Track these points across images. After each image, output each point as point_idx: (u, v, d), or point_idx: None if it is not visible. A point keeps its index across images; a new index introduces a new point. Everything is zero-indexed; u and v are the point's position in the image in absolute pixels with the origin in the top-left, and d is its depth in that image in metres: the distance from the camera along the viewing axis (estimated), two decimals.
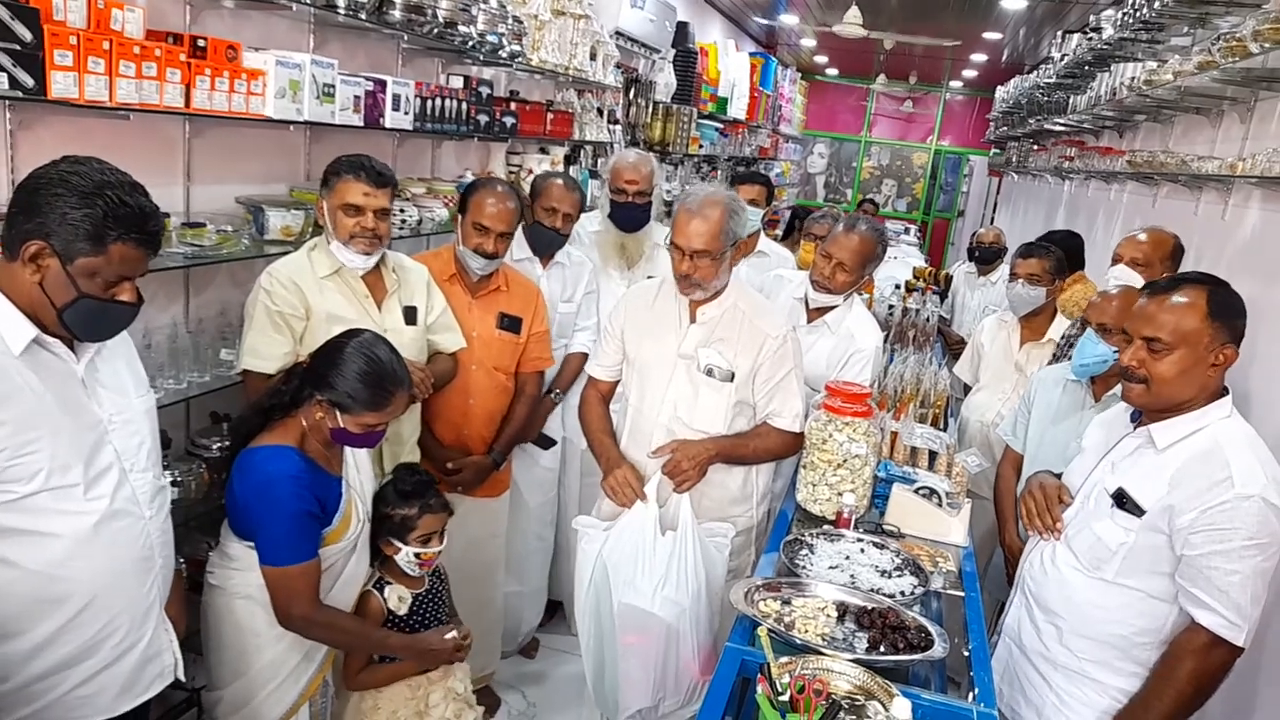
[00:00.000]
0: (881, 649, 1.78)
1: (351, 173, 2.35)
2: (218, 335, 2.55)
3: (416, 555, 2.17)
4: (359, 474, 2.14)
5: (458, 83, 3.59)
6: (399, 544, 2.17)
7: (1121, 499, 1.93)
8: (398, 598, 2.19)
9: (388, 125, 2.94)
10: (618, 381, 2.65)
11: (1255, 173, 2.87)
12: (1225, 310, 1.85)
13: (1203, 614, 1.82)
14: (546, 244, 3.09)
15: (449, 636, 2.21)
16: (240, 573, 2.00)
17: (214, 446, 2.56)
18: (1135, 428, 2.01)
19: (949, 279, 5.87)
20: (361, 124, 2.81)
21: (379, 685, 2.17)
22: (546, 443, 3.22)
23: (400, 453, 2.60)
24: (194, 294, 2.66)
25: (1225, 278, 1.94)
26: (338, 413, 1.95)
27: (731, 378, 2.40)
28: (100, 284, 1.54)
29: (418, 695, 2.18)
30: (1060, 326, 3.44)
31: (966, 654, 1.91)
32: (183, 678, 1.89)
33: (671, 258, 2.37)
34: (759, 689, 1.52)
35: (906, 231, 10.67)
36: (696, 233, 2.27)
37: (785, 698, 1.49)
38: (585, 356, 3.14)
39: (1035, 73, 7.23)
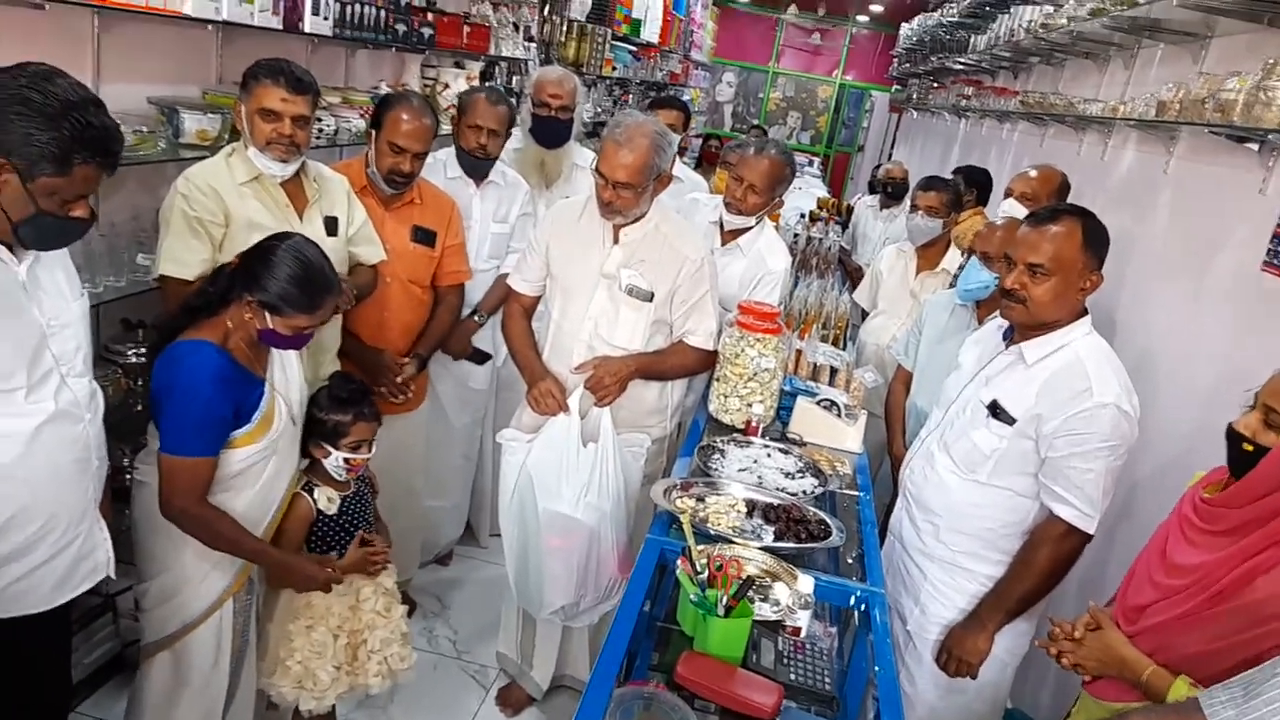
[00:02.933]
0: (786, 539, 1.96)
1: (270, 77, 2.30)
2: (133, 239, 2.50)
3: (345, 461, 2.23)
4: (285, 375, 2.15)
5: None
6: (329, 448, 2.22)
7: (996, 409, 2.15)
8: (327, 499, 2.25)
9: (307, 29, 2.88)
10: (540, 296, 2.72)
11: (1134, 116, 3.10)
12: (1096, 241, 2.06)
13: (1061, 507, 2.07)
14: (474, 167, 3.09)
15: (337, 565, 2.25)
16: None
17: (129, 353, 2.54)
18: (1007, 346, 2.22)
19: (850, 210, 6.10)
20: (281, 26, 2.74)
21: (288, 586, 2.23)
22: (481, 357, 3.26)
23: (323, 361, 2.62)
24: (103, 196, 2.59)
25: (1102, 214, 2.15)
26: (267, 314, 1.96)
27: (651, 298, 2.50)
28: (58, 202, 1.54)
29: (350, 590, 2.26)
30: (953, 257, 3.66)
31: (850, 560, 2.12)
32: (114, 575, 1.93)
33: (595, 183, 2.43)
34: (679, 568, 1.68)
35: (810, 164, 10.89)
36: (621, 165, 2.33)
37: (703, 576, 1.65)
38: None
39: (939, 11, 7.44)
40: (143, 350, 2.54)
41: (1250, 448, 1.59)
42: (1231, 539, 1.59)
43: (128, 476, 2.23)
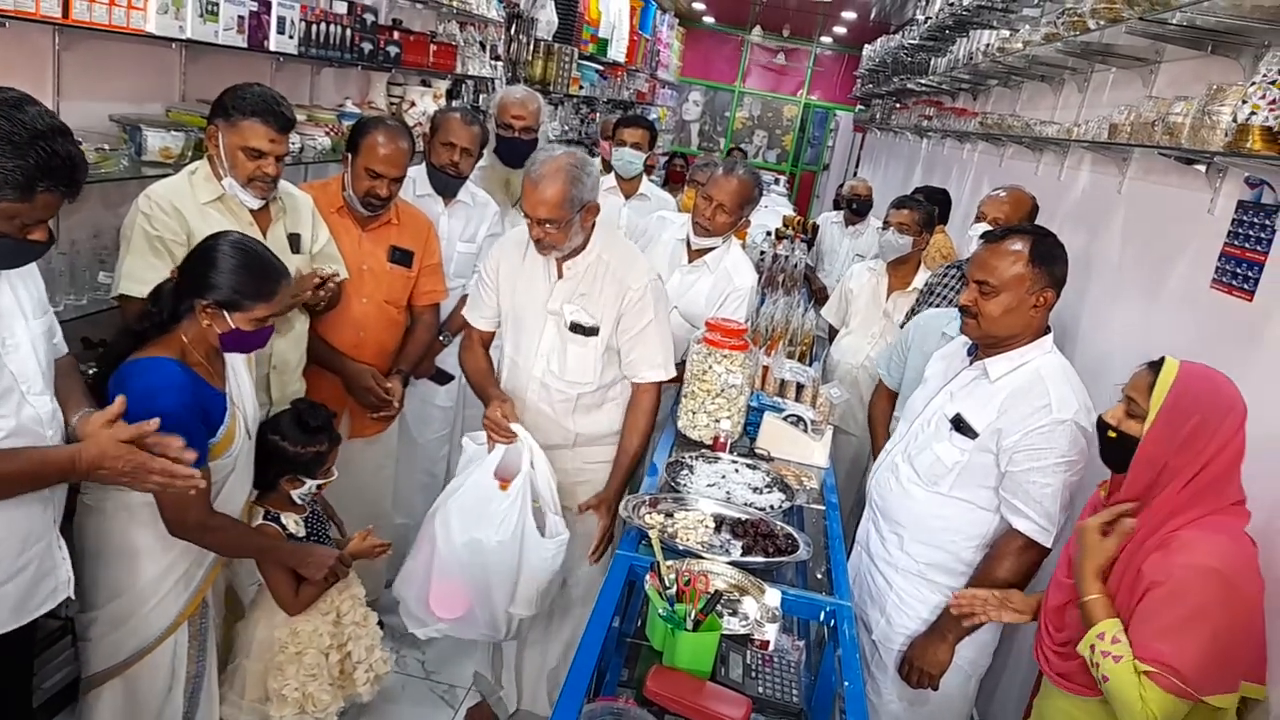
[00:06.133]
0: (754, 554, 1.98)
1: (259, 116, 2.27)
2: (94, 258, 2.47)
3: (318, 486, 2.22)
4: (240, 391, 2.12)
5: (341, 8, 3.51)
6: (304, 479, 2.20)
7: (958, 423, 2.19)
8: (294, 522, 2.24)
9: (272, 48, 2.88)
10: (495, 330, 2.67)
11: (1087, 138, 3.19)
12: (1045, 258, 2.11)
13: (1020, 521, 2.11)
14: (445, 185, 3.10)
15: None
16: (118, 492, 1.95)
17: (90, 372, 2.50)
18: (971, 361, 2.27)
19: (815, 228, 6.17)
20: (245, 45, 2.74)
21: (315, 598, 2.23)
22: (444, 378, 3.25)
23: (288, 381, 2.61)
24: (64, 215, 2.55)
25: (1059, 232, 2.20)
26: (227, 313, 1.92)
27: (596, 331, 2.45)
28: (18, 225, 1.54)
29: (333, 608, 2.26)
30: (925, 277, 3.72)
31: (819, 575, 2.14)
32: (73, 595, 1.90)
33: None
34: (648, 583, 1.69)
35: (776, 182, 11.02)
36: (540, 201, 2.26)
37: (672, 591, 1.67)
38: None
39: (901, 33, 7.58)
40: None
41: (1114, 434, 1.76)
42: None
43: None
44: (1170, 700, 1.58)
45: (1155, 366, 1.73)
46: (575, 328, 2.45)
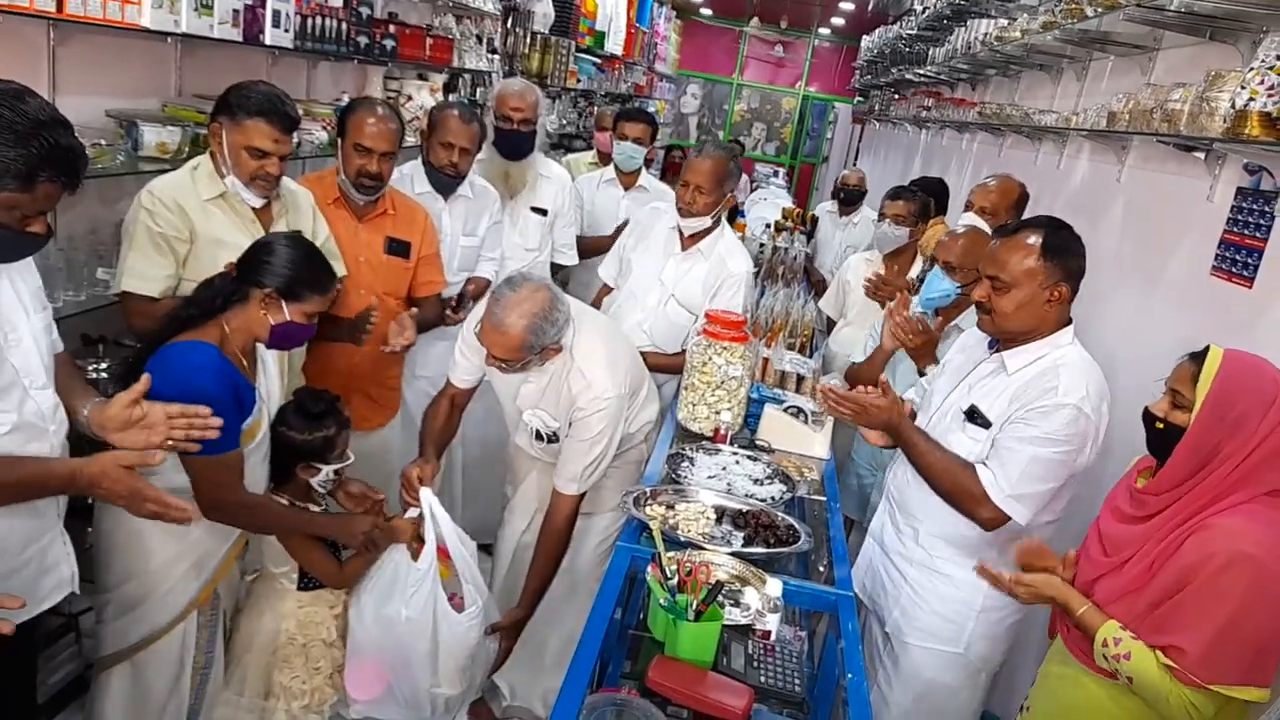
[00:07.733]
0: (755, 544, 1.98)
1: (264, 116, 2.27)
2: (92, 254, 2.47)
3: (335, 473, 2.22)
4: (270, 393, 2.15)
5: (337, 1, 3.50)
6: (319, 466, 2.21)
7: (973, 414, 2.18)
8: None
9: (268, 42, 2.86)
10: (473, 389, 2.63)
11: (1086, 126, 3.18)
12: (1058, 252, 2.08)
13: (984, 471, 2.10)
14: (443, 185, 3.09)
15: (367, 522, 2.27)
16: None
17: (89, 368, 2.49)
18: (992, 354, 2.26)
19: (815, 220, 6.16)
20: (240, 39, 2.73)
21: (363, 571, 2.26)
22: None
23: (291, 379, 2.60)
24: (61, 210, 2.55)
25: None
26: (284, 303, 1.97)
27: (556, 439, 2.45)
28: (17, 216, 1.54)
29: (338, 600, 2.29)
30: (921, 267, 3.71)
31: (822, 567, 2.14)
32: (78, 590, 1.90)
33: None
34: (650, 574, 1.69)
35: (775, 174, 10.99)
36: (495, 344, 2.21)
37: (674, 582, 1.67)
38: (489, 282, 3.20)
39: (899, 24, 7.55)
40: (103, 366, 2.50)
41: (1162, 425, 1.78)
42: (1152, 519, 1.76)
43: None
44: (1192, 692, 1.60)
45: (1198, 357, 1.73)
46: (535, 434, 2.47)
